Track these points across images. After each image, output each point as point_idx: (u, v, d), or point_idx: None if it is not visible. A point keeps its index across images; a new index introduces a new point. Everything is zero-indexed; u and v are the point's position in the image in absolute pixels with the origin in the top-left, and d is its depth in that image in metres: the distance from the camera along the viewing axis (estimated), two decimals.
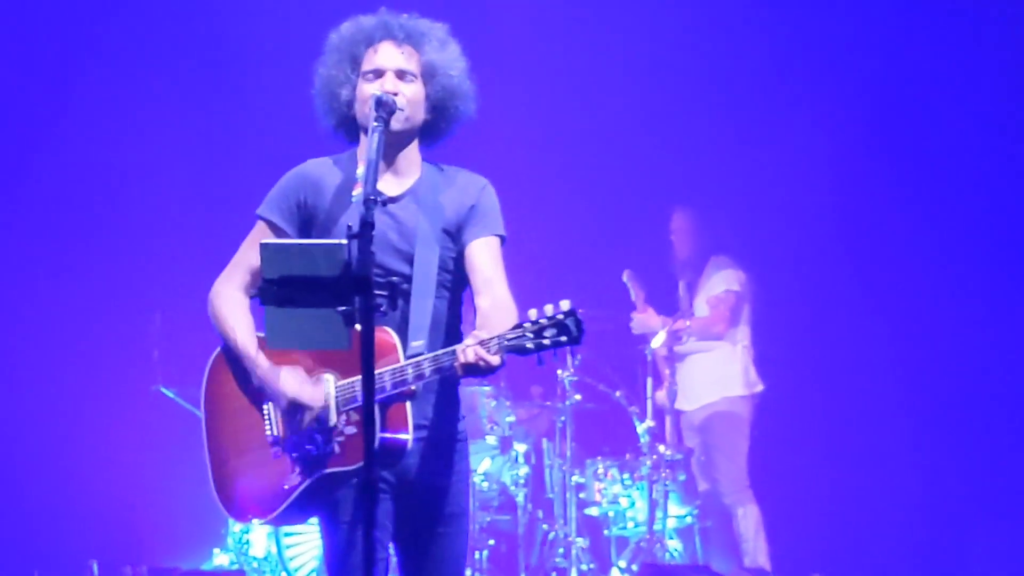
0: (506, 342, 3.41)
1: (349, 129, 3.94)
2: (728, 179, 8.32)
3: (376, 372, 3.52)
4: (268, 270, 3.21)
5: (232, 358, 3.90)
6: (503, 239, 3.90)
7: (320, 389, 3.71)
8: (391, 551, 3.90)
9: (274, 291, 3.18)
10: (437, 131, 3.94)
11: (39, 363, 8.07)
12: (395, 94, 3.77)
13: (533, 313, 3.42)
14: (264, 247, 3.25)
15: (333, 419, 3.66)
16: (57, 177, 8.27)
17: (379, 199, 3.30)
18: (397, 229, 3.81)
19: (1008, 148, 8.23)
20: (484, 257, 3.81)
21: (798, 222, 8.19)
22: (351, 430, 3.64)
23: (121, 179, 8.34)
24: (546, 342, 3.38)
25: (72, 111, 8.27)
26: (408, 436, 3.61)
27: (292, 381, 3.74)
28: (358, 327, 3.13)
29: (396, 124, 3.77)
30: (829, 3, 8.45)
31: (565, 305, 3.40)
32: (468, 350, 3.43)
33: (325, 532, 3.83)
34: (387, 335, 3.63)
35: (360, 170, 3.59)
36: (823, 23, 8.46)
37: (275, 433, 3.80)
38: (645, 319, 7.76)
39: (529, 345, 3.39)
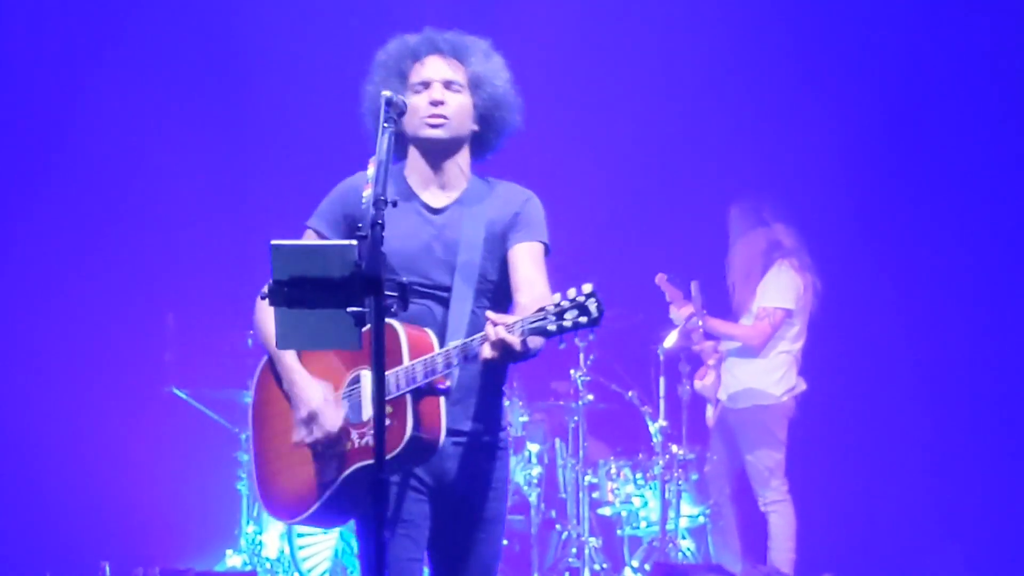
0: (529, 324, 3.46)
1: (399, 144, 4.00)
2: (746, 181, 8.24)
3: (408, 364, 3.61)
4: (278, 271, 3.21)
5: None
6: (547, 248, 3.98)
7: (339, 414, 3.76)
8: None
9: (284, 292, 3.17)
10: (486, 143, 4.04)
11: (52, 364, 8.08)
12: (441, 102, 3.88)
13: (556, 296, 3.49)
14: (275, 248, 3.25)
15: (368, 412, 3.69)
16: (70, 179, 8.28)
17: (388, 200, 3.33)
18: (442, 241, 3.89)
19: None
20: (526, 260, 3.89)
21: (823, 224, 8.12)
22: (386, 422, 3.66)
23: (134, 181, 8.35)
24: (567, 324, 3.43)
25: (85, 113, 8.28)
26: (441, 433, 3.65)
27: (317, 395, 3.80)
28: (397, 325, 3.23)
29: (443, 133, 3.89)
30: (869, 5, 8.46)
31: (587, 288, 3.47)
32: (492, 330, 3.48)
33: (360, 534, 3.89)
34: (424, 334, 3.71)
35: (370, 171, 3.60)
36: (861, 23, 8.46)
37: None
38: (684, 313, 7.62)
39: (551, 327, 3.44)
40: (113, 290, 8.21)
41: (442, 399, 3.66)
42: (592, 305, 3.45)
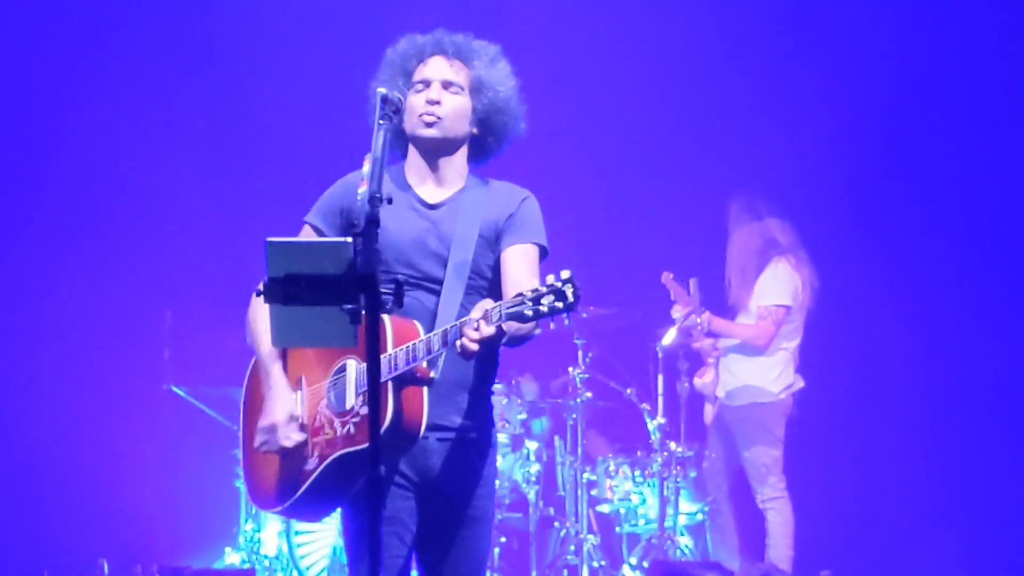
0: (506, 309, 3.47)
1: (402, 142, 4.03)
2: (744, 178, 8.23)
3: (391, 352, 3.62)
4: (273, 268, 3.20)
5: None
6: (543, 250, 3.99)
7: (297, 434, 3.80)
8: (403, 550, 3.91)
9: (279, 289, 3.17)
10: (486, 147, 4.07)
11: (51, 362, 8.09)
12: (437, 103, 3.90)
13: (534, 282, 3.51)
14: (269, 245, 3.24)
15: (351, 401, 3.71)
16: (69, 177, 8.29)
17: (383, 197, 3.35)
18: (436, 234, 3.91)
19: None
20: (518, 262, 3.90)
21: (821, 222, 8.11)
22: (367, 410, 3.68)
23: (132, 179, 8.36)
24: (543, 308, 3.44)
25: (83, 112, 8.28)
26: (422, 422, 3.67)
27: (282, 410, 3.84)
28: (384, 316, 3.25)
29: (436, 132, 3.91)
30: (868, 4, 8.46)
31: (565, 274, 3.47)
32: (470, 319, 3.51)
33: (345, 526, 3.90)
34: (412, 324, 3.72)
35: (366, 168, 3.61)
36: (858, 19, 8.46)
37: (300, 421, 3.87)
38: (683, 311, 7.61)
39: (528, 312, 3.45)
40: (111, 288, 8.21)
41: (425, 389, 3.68)
42: (568, 290, 3.44)
